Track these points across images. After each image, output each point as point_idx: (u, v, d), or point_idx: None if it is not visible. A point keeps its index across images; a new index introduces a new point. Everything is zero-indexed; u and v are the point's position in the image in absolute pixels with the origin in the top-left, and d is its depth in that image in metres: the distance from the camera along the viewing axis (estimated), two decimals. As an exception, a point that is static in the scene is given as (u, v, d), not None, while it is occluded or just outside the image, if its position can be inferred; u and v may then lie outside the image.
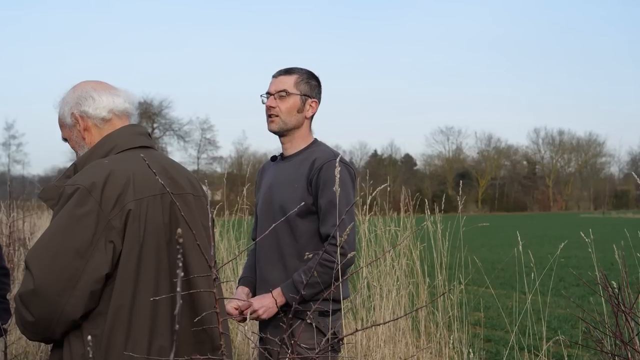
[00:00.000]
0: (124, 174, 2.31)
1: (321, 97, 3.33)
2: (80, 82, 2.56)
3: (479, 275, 8.34)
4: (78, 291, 2.18)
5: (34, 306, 2.19)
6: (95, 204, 2.23)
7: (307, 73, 3.28)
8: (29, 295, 2.18)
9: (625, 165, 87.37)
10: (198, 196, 2.54)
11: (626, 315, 2.84)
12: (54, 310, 2.18)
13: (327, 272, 2.99)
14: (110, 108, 2.47)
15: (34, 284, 2.16)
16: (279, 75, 3.26)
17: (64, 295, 2.17)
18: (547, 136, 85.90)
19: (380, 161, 78.29)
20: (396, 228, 5.93)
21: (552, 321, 8.84)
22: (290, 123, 3.22)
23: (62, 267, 2.18)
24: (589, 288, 4.52)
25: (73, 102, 2.47)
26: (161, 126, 67.62)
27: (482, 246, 21.82)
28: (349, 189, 3.13)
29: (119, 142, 2.43)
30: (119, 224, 2.24)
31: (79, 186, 2.25)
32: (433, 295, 5.88)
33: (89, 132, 2.47)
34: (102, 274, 2.21)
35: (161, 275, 2.33)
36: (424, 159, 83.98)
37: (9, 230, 5.78)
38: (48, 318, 2.19)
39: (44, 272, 2.18)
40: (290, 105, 3.20)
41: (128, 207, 2.27)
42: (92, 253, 2.20)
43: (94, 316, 2.27)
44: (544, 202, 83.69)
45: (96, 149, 2.43)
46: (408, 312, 4.50)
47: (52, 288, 2.17)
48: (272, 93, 3.22)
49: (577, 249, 17.58)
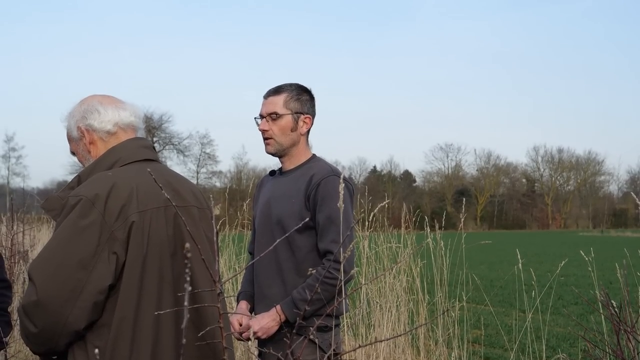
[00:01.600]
0: (128, 186, 2.32)
1: (315, 110, 3.32)
2: (88, 96, 2.58)
3: (478, 293, 8.34)
4: (81, 302, 2.18)
5: (37, 317, 2.19)
6: (98, 215, 2.24)
7: (297, 89, 3.26)
8: (32, 306, 2.19)
9: (624, 183, 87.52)
10: (202, 209, 2.55)
11: (628, 334, 2.85)
12: (57, 322, 2.18)
13: (328, 290, 2.99)
14: (116, 122, 2.50)
15: (37, 295, 2.17)
16: (268, 96, 3.24)
17: (67, 306, 2.17)
18: (547, 154, 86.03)
19: (380, 177, 78.28)
20: (397, 245, 5.94)
21: (552, 339, 8.82)
22: (285, 143, 3.23)
23: (65, 278, 2.18)
24: (589, 306, 4.52)
25: (79, 116, 2.50)
26: (161, 140, 67.67)
27: (481, 263, 21.78)
28: (347, 206, 3.14)
29: (123, 154, 2.45)
30: (122, 235, 2.25)
31: (82, 197, 2.26)
32: (433, 312, 5.88)
33: (94, 146, 2.50)
34: (105, 285, 2.22)
35: (164, 287, 2.34)
36: (423, 175, 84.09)
37: (11, 243, 5.78)
38: (51, 329, 2.20)
39: (47, 283, 2.18)
40: (282, 126, 3.20)
41: (131, 219, 2.28)
42: (95, 264, 2.20)
43: (98, 328, 2.27)
44: (543, 220, 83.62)
45: (100, 162, 2.45)
46: (408, 330, 4.50)
47: (55, 299, 2.17)
48: (264, 115, 3.23)
49: (576, 267, 17.58)
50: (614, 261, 4.18)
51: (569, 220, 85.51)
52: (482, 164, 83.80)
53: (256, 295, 3.30)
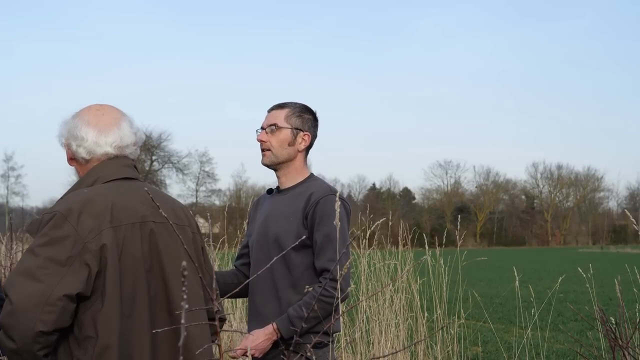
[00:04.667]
0: (102, 202, 2.39)
1: (316, 131, 3.37)
2: (86, 108, 2.62)
3: (477, 310, 8.33)
4: (49, 306, 2.23)
5: (12, 328, 2.24)
6: (71, 228, 2.31)
7: (301, 107, 3.33)
8: (8, 318, 2.24)
9: (624, 200, 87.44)
10: (182, 226, 2.59)
11: (623, 350, 2.85)
12: (27, 328, 2.23)
13: (324, 308, 3.02)
14: (90, 150, 2.53)
15: (11, 305, 2.23)
16: (271, 110, 3.32)
17: (36, 311, 2.22)
18: (546, 170, 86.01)
19: (379, 195, 78.30)
20: (395, 262, 5.95)
21: (551, 356, 8.80)
22: (281, 156, 3.27)
23: (34, 284, 2.24)
24: (588, 323, 4.53)
25: (65, 129, 2.58)
26: (160, 159, 67.68)
27: (480, 280, 21.75)
28: (344, 225, 3.18)
29: (102, 174, 2.51)
30: (94, 247, 2.31)
31: (55, 212, 2.34)
32: (432, 329, 5.88)
33: (74, 161, 2.59)
34: (73, 293, 2.26)
35: (137, 304, 2.39)
36: (423, 192, 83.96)
37: (10, 262, 5.79)
38: (26, 337, 2.23)
39: (19, 292, 2.24)
40: (280, 139, 3.25)
41: (105, 234, 2.34)
42: (65, 273, 2.26)
43: (83, 341, 2.31)
44: (542, 237, 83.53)
45: (81, 182, 2.53)
46: (407, 346, 4.50)
47: (25, 305, 2.22)
48: (264, 127, 3.29)
49: (576, 284, 17.56)
50: (613, 277, 4.19)
51: (569, 237, 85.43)
52: (481, 180, 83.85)
53: (250, 312, 3.32)
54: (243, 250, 3.50)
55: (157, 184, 65.17)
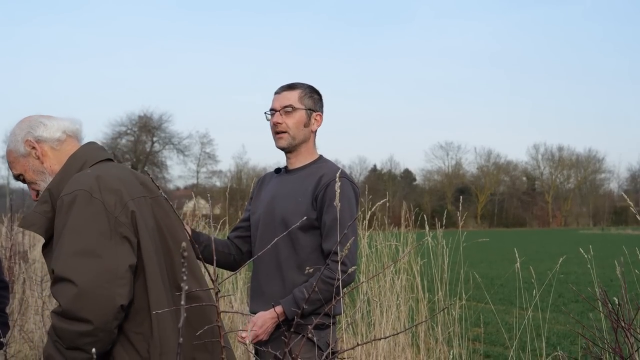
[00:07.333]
0: (112, 177, 2.37)
1: (324, 111, 3.36)
2: (24, 117, 2.61)
3: (478, 291, 8.34)
4: (120, 280, 2.21)
5: (86, 310, 2.17)
6: (99, 204, 2.28)
7: (309, 87, 3.31)
8: (75, 302, 2.16)
9: (625, 181, 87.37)
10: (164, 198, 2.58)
11: (625, 331, 2.85)
12: (107, 305, 2.18)
13: (328, 290, 3.00)
14: (63, 129, 2.54)
15: (77, 288, 2.16)
16: (282, 91, 3.27)
17: (111, 286, 2.18)
18: (547, 152, 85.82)
19: (380, 176, 78.14)
20: (397, 243, 5.94)
21: (552, 337, 8.83)
22: (298, 138, 3.24)
23: (98, 261, 2.20)
24: (589, 304, 4.53)
25: (25, 132, 2.53)
26: (161, 140, 67.54)
27: (481, 262, 21.79)
28: (353, 206, 3.16)
29: (88, 157, 2.49)
30: (125, 219, 2.30)
31: (77, 191, 2.29)
32: (433, 310, 5.88)
33: (46, 157, 2.52)
34: (133, 262, 2.26)
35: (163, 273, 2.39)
36: (424, 174, 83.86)
37: (10, 244, 5.78)
38: (105, 315, 2.18)
39: (83, 272, 2.18)
40: (297, 120, 3.22)
41: (130, 205, 2.33)
42: (114, 246, 2.24)
43: (134, 315, 2.30)
44: (543, 218, 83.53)
45: (67, 169, 2.47)
46: (408, 328, 4.50)
47: (98, 282, 2.18)
48: (277, 109, 3.24)
49: (577, 265, 17.58)
50: (614, 259, 4.18)
51: (569, 218, 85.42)
52: (482, 162, 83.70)
53: (253, 292, 3.31)
54: (240, 223, 3.47)
55: (158, 165, 65.15)
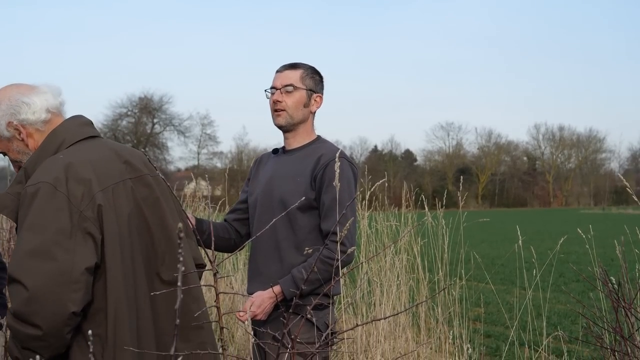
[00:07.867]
0: (84, 165, 2.25)
1: (324, 93, 3.34)
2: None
3: (479, 271, 8.34)
4: (74, 284, 2.10)
5: (36, 315, 2.08)
6: (64, 198, 2.16)
7: (311, 68, 3.29)
8: (26, 305, 2.08)
9: (626, 161, 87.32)
10: (155, 176, 2.46)
11: (626, 311, 2.84)
12: (58, 311, 2.08)
13: (327, 270, 3.00)
14: (47, 107, 2.40)
15: (27, 292, 2.06)
16: (284, 70, 3.26)
17: (63, 291, 2.08)
18: (548, 132, 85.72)
19: (381, 157, 78.12)
20: (397, 223, 5.93)
21: (552, 317, 8.85)
22: (296, 117, 3.23)
23: (51, 263, 2.09)
24: (589, 284, 4.53)
25: (7, 114, 2.37)
26: (161, 121, 67.52)
27: (482, 242, 21.83)
28: (352, 186, 3.15)
29: (67, 136, 2.37)
30: (91, 214, 2.18)
31: (42, 184, 2.18)
32: (433, 290, 5.88)
33: (31, 138, 2.40)
34: (91, 264, 2.15)
35: (136, 266, 2.28)
36: (424, 154, 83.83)
37: (9, 225, 5.77)
38: (54, 322, 2.09)
39: (35, 275, 2.08)
40: (296, 100, 3.21)
41: (97, 198, 2.21)
42: (74, 246, 2.13)
43: (92, 315, 2.20)
44: (544, 198, 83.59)
45: (44, 147, 2.35)
46: (408, 308, 4.50)
47: (47, 287, 2.08)
48: (278, 87, 3.22)
49: (577, 245, 17.58)
50: (614, 238, 4.17)
51: (570, 198, 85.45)
52: (483, 142, 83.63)
53: (251, 272, 3.30)
54: (238, 205, 3.45)
55: (158, 147, 65.12)
